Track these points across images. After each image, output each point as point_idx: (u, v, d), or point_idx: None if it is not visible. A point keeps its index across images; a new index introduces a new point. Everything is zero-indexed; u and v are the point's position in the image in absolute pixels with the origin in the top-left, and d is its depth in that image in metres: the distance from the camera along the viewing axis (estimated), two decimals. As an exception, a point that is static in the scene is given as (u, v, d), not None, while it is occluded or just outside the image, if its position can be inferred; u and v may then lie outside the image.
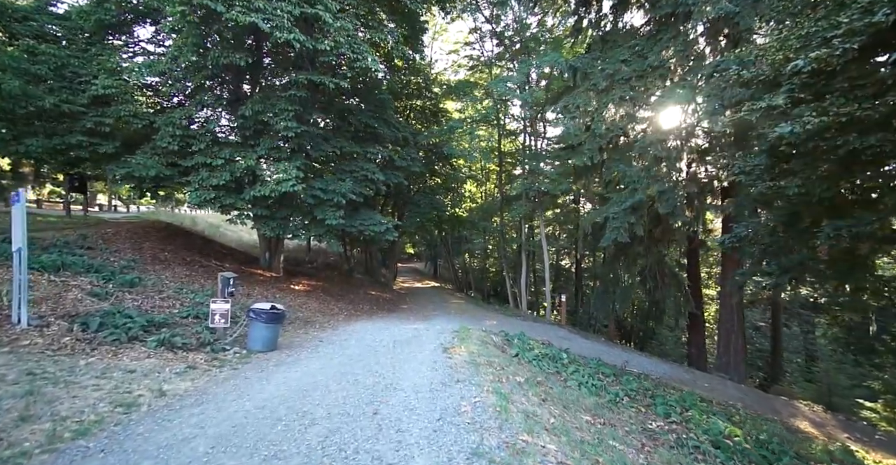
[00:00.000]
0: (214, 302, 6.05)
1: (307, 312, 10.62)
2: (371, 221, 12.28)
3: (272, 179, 10.21)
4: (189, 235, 15.19)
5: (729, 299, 11.59)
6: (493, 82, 13.15)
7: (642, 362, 11.30)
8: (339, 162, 12.18)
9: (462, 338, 7.66)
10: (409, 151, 13.90)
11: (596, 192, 17.59)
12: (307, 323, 9.35)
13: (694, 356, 14.86)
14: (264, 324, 6.23)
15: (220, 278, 6.21)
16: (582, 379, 6.47)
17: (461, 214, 21.55)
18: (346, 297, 14.34)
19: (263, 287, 11.70)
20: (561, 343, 11.09)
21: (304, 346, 6.89)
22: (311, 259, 21.67)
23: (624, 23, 13.49)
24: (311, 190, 11.07)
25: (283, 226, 11.43)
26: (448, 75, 19.74)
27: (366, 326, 9.79)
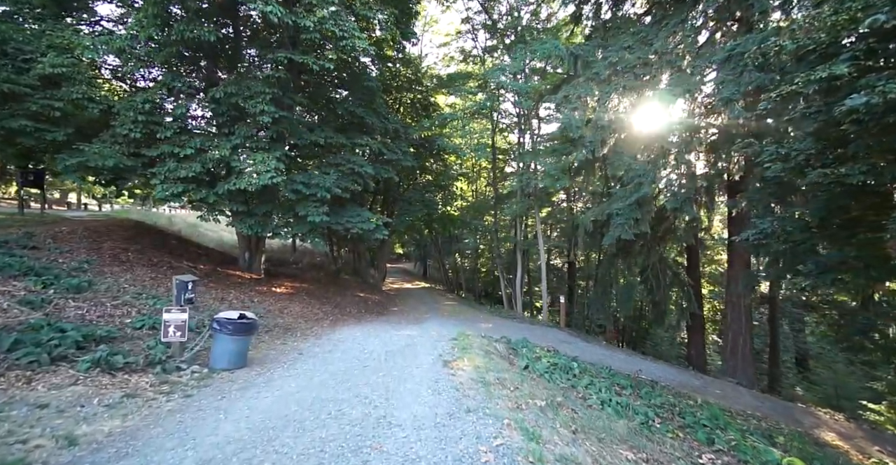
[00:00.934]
0: (168, 311, 4.90)
1: (288, 317, 9.48)
2: (359, 219, 11.18)
3: (248, 171, 9.05)
4: (160, 234, 13.83)
5: (737, 299, 10.84)
6: (490, 71, 12.18)
7: (648, 366, 10.47)
8: (324, 154, 11.06)
9: (463, 347, 6.65)
10: (399, 145, 12.85)
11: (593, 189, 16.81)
12: (287, 331, 8.21)
13: (693, 358, 14.15)
14: (230, 336, 5.12)
15: (175, 282, 5.07)
16: (602, 395, 5.52)
17: (453, 212, 20.57)
18: (332, 300, 13.19)
19: (240, 290, 10.50)
20: (563, 348, 10.20)
21: (279, 360, 5.78)
22: (297, 260, 20.39)
23: (624, 12, 12.70)
24: (292, 184, 9.93)
25: (262, 223, 10.25)
26: (439, 70, 18.77)
27: (353, 332, 8.71)
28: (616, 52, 10.94)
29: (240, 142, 9.29)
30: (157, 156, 9.05)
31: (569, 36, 14.71)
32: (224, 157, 9.03)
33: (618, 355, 11.24)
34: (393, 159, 12.53)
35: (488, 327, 12.23)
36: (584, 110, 11.18)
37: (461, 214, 20.63)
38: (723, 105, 8.39)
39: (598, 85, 11.12)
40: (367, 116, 11.16)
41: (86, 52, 8.05)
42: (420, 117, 16.66)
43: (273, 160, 9.06)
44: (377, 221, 11.33)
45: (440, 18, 19.40)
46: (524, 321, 14.09)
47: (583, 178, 12.80)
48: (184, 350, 5.08)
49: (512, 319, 14.39)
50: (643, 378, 8.31)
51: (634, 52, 10.62)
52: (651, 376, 9.50)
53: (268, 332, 7.85)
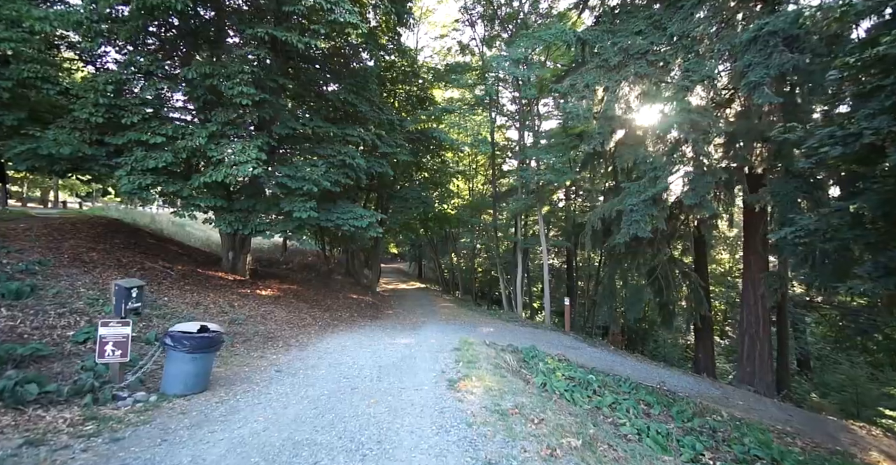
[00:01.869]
0: (105, 325, 3.84)
1: (271, 324, 8.41)
2: (351, 215, 10.15)
3: (226, 162, 7.98)
4: (137, 232, 12.65)
5: (754, 302, 9.99)
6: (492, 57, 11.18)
7: (661, 374, 9.57)
8: (312, 144, 10.00)
9: (468, 361, 5.66)
10: (394, 137, 11.82)
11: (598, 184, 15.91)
12: (268, 341, 7.16)
13: (701, 362, 13.32)
14: (187, 354, 4.07)
15: (114, 287, 4.01)
16: (637, 423, 4.57)
17: (449, 211, 19.56)
18: (322, 303, 12.13)
19: (220, 294, 9.41)
20: (571, 355, 9.26)
21: (251, 381, 4.74)
22: (287, 260, 19.25)
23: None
24: (275, 176, 8.89)
25: (243, 220, 9.17)
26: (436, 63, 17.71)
27: (343, 341, 7.67)
28: (626, 37, 10.05)
29: (217, 129, 8.21)
30: (123, 144, 7.94)
31: (574, 24, 13.78)
32: (199, 146, 7.96)
33: (628, 361, 10.32)
34: (388, 153, 11.50)
35: (489, 331, 11.27)
36: (592, 100, 10.26)
37: (458, 213, 19.63)
38: (749, 90, 7.49)
39: (606, 73, 10.20)
40: (360, 105, 10.12)
41: (37, 25, 6.92)
42: (416, 111, 15.65)
43: (254, 150, 8.01)
44: (371, 218, 10.30)
45: (436, 8, 18.38)
46: (526, 324, 13.13)
47: (588, 172, 11.88)
48: (126, 373, 4.02)
49: (514, 322, 13.43)
50: (666, 391, 7.39)
51: (647, 38, 9.73)
52: (668, 384, 8.61)
53: (245, 342, 6.80)
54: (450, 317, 13.27)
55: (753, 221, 9.73)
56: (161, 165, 7.80)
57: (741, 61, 7.70)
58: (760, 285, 9.95)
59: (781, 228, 6.52)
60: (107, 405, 3.60)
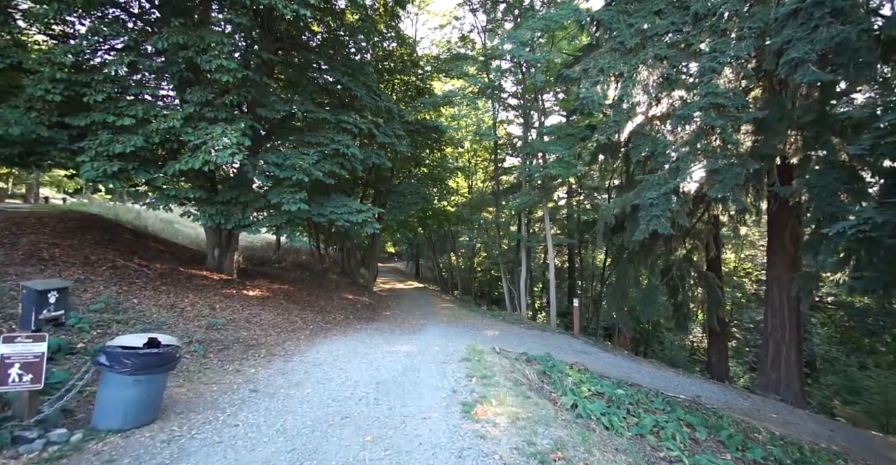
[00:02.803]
0: (9, 341, 2.83)
1: (255, 329, 7.39)
2: (345, 210, 9.15)
3: (205, 147, 6.96)
4: (115, 228, 11.55)
5: (780, 304, 9.12)
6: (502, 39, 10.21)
7: (682, 382, 8.68)
8: (303, 131, 8.99)
9: (483, 376, 4.69)
10: (392, 127, 10.82)
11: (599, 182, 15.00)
12: (248, 349, 6.14)
13: (714, 366, 12.45)
14: (129, 376, 3.07)
15: (24, 290, 2.98)
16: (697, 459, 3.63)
17: (449, 208, 18.59)
18: (314, 304, 11.11)
19: (201, 294, 8.38)
20: (585, 361, 8.34)
21: (217, 406, 3.74)
22: (280, 258, 18.17)
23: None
24: (262, 165, 7.88)
25: (226, 213, 8.15)
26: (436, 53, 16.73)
27: (336, 349, 6.68)
28: (644, 18, 9.15)
29: (194, 111, 7.19)
30: (86, 126, 6.89)
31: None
32: (174, 128, 6.94)
33: (644, 367, 9.41)
34: (386, 143, 10.50)
35: (494, 335, 10.32)
36: (607, 85, 9.34)
37: (458, 211, 18.66)
38: (789, 69, 6.59)
39: (622, 56, 9.29)
40: (356, 89, 9.12)
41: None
42: (414, 103, 14.67)
43: (235, 134, 7.00)
44: (368, 213, 9.31)
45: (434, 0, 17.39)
46: (532, 327, 12.19)
47: (598, 166, 10.97)
48: (42, 403, 3.00)
49: (518, 323, 12.49)
50: (701, 404, 6.46)
51: (667, 17, 8.83)
52: (689, 394, 7.72)
53: (221, 351, 5.78)
54: (451, 319, 12.30)
55: (781, 216, 8.86)
56: (130, 150, 6.75)
57: (779, 38, 6.80)
58: (787, 286, 9.08)
59: (833, 223, 5.61)
60: (5, 451, 2.59)
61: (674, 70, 8.79)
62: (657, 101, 9.24)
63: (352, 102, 9.74)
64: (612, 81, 9.50)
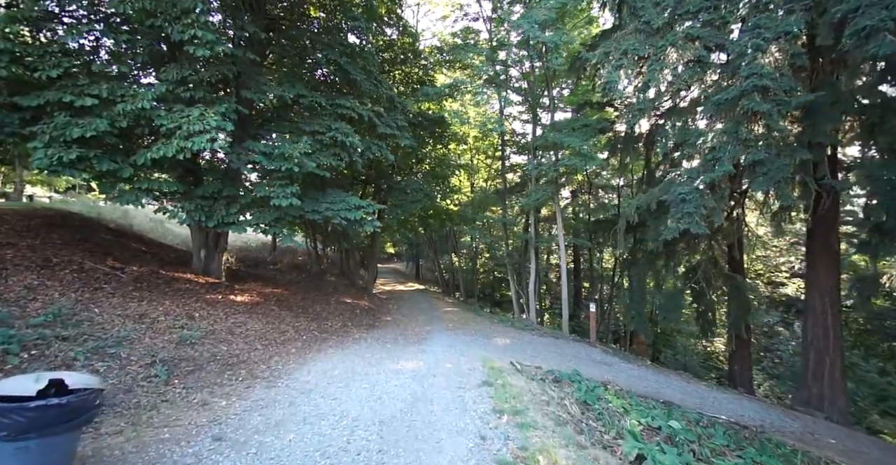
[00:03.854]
0: None
1: (238, 342, 6.31)
2: (342, 206, 8.08)
3: (179, 132, 5.88)
4: (89, 226, 10.43)
5: (822, 310, 8.11)
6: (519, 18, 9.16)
7: (718, 398, 7.66)
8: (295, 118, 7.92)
9: (514, 411, 3.64)
10: (394, 117, 9.77)
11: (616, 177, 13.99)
12: (225, 369, 5.06)
13: (737, 375, 11.43)
14: (8, 443, 2.00)
15: None
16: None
17: (451, 207, 17.52)
18: (310, 309, 10.03)
19: (180, 301, 7.28)
20: (605, 373, 7.34)
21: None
22: (275, 260, 17.06)
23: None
24: (246, 152, 6.81)
25: (206, 210, 7.07)
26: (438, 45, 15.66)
27: (330, 367, 5.60)
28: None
29: (167, 90, 6.11)
30: (39, 107, 5.80)
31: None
32: (144, 110, 5.86)
33: (672, 380, 8.39)
34: (387, 134, 9.43)
35: (506, 343, 9.28)
36: (630, 70, 8.32)
37: (461, 209, 17.60)
38: (858, 41, 5.58)
39: (648, 38, 8.28)
40: (354, 72, 8.05)
41: None
42: (417, 94, 13.60)
43: (215, 117, 5.93)
44: (367, 209, 8.25)
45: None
46: (544, 334, 11.14)
47: (617, 158, 9.93)
48: None
49: (529, 330, 11.44)
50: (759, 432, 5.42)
51: (699, -7, 7.83)
52: (729, 413, 6.71)
53: (190, 374, 4.70)
54: (457, 324, 11.24)
55: (829, 214, 7.85)
56: (91, 135, 5.67)
57: (843, 5, 5.80)
58: (830, 291, 8.09)
59: None
60: None
61: (707, 52, 7.78)
62: (687, 86, 8.23)
63: (350, 88, 8.67)
64: (637, 66, 8.47)
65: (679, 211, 7.31)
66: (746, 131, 6.96)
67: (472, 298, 20.19)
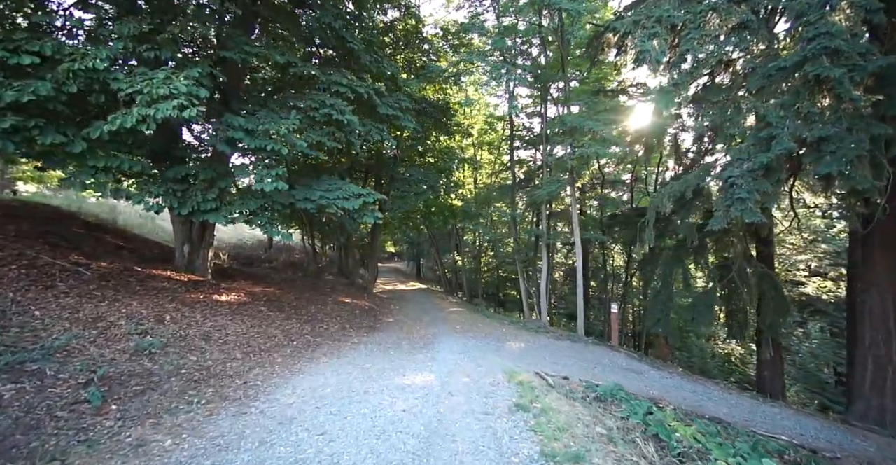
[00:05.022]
0: None
1: (213, 350, 5.17)
2: (339, 193, 6.95)
3: (141, 98, 4.76)
4: (64, 220, 9.29)
5: (883, 312, 7.03)
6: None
7: (769, 413, 6.54)
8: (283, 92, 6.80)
9: (572, 456, 2.51)
10: (397, 98, 8.65)
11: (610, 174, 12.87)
12: (187, 387, 3.92)
13: (768, 381, 10.28)
14: None
15: None
16: None
17: (456, 202, 16.40)
18: (303, 310, 8.89)
19: (151, 301, 6.15)
20: (635, 382, 6.27)
21: None
22: (271, 257, 15.92)
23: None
24: (224, 129, 5.68)
25: (179, 195, 5.93)
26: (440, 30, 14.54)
27: (321, 384, 4.46)
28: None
29: (125, 48, 4.99)
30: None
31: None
32: (97, 71, 4.74)
33: (712, 390, 7.26)
34: (389, 116, 8.30)
35: (521, 348, 8.16)
36: (666, 38, 7.21)
37: (465, 205, 16.47)
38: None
39: (685, 2, 7.18)
40: (352, 41, 6.93)
41: None
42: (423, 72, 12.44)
43: (184, 82, 4.81)
44: (367, 198, 7.12)
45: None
46: (560, 336, 10.01)
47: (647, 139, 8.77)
48: None
49: (542, 332, 10.31)
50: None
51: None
52: (788, 431, 5.63)
53: (137, 395, 3.56)
54: (465, 327, 10.11)
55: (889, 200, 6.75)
56: (29, 100, 4.54)
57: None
58: (892, 290, 6.99)
59: None
60: None
61: (754, 16, 6.68)
62: (728, 58, 7.13)
63: (348, 62, 7.55)
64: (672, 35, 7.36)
65: (729, 197, 6.21)
66: (809, 104, 5.86)
67: (477, 297, 19.05)
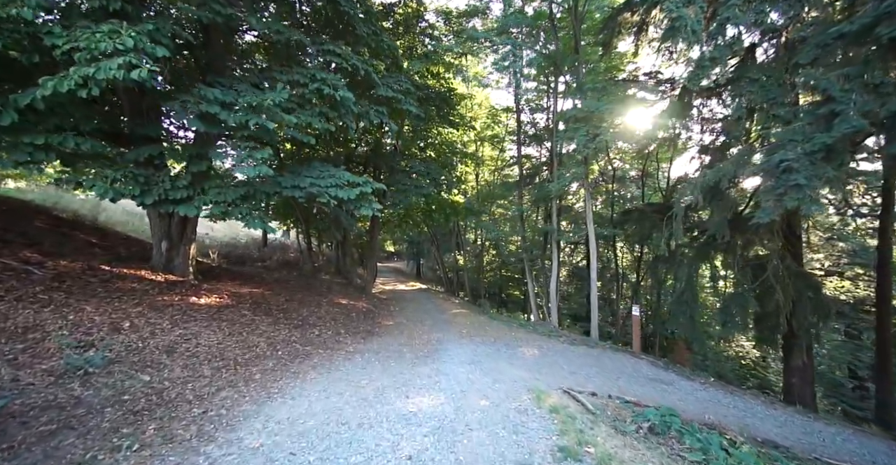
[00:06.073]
0: None
1: (174, 367, 4.15)
2: (332, 181, 5.94)
3: (79, 56, 3.75)
4: (29, 215, 8.24)
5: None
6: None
7: (826, 432, 5.58)
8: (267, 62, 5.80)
9: None
10: (397, 79, 7.65)
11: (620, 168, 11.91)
12: (123, 421, 2.90)
13: (796, 389, 9.32)
14: None
15: None
16: None
17: (458, 199, 15.40)
18: (294, 313, 7.87)
19: (112, 306, 5.14)
20: (661, 394, 5.31)
21: None
22: (264, 256, 14.88)
23: None
24: (195, 101, 4.66)
25: (140, 181, 4.90)
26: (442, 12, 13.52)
27: (304, 411, 3.45)
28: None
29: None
30: None
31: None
32: (22, 20, 3.73)
33: (753, 405, 6.29)
34: (389, 97, 7.30)
35: (534, 355, 7.17)
36: (703, 6, 6.24)
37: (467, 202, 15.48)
38: None
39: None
40: (345, 4, 5.92)
41: None
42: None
43: (132, 36, 3.80)
44: (364, 187, 6.11)
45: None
46: (574, 341, 9.00)
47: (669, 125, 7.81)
48: None
49: (554, 336, 9.33)
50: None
51: None
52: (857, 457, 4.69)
53: (38, 443, 2.54)
54: (471, 330, 9.12)
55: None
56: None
57: None
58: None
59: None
60: None
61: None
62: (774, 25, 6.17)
63: (344, 33, 6.54)
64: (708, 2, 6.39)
65: (782, 184, 5.24)
66: (881, 73, 4.90)
67: (481, 298, 18.04)
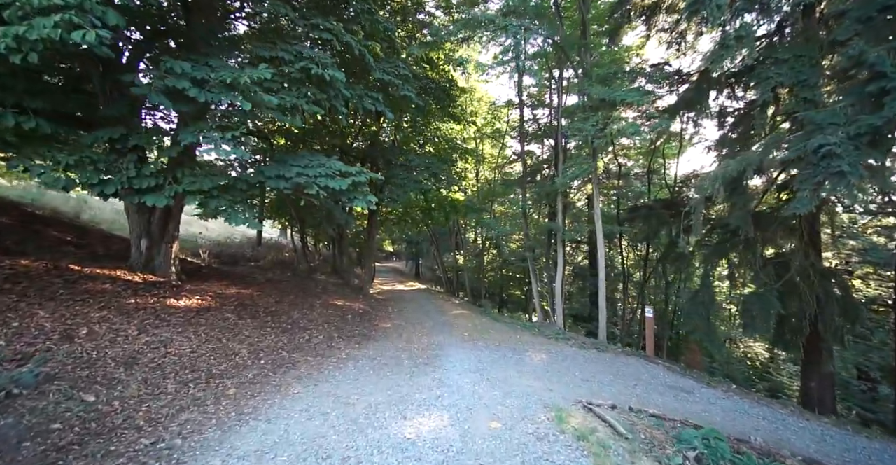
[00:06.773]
0: None
1: (133, 380, 3.49)
2: (322, 170, 5.29)
3: (11, 12, 3.09)
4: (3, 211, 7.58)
5: None
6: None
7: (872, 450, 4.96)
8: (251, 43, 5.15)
9: None
10: (395, 64, 7.01)
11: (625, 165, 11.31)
12: (49, 460, 2.26)
13: (815, 393, 8.71)
14: None
15: None
16: None
17: (458, 196, 14.77)
18: (283, 317, 7.21)
19: (72, 309, 4.48)
20: (685, 404, 4.67)
21: None
22: (258, 255, 14.20)
23: None
24: (163, 76, 4.02)
25: (103, 167, 4.24)
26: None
27: (279, 439, 2.79)
28: None
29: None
30: None
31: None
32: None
33: (783, 416, 5.66)
34: (386, 82, 6.66)
35: (543, 360, 6.53)
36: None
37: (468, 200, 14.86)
38: None
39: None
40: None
41: None
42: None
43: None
44: (358, 177, 5.46)
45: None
46: (584, 345, 8.35)
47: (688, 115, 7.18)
48: None
49: (562, 339, 8.68)
50: None
51: None
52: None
53: None
54: (473, 333, 8.47)
55: None
56: None
57: None
58: None
59: None
60: None
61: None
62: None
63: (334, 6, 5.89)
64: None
65: (821, 171, 4.62)
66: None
67: (482, 298, 17.39)
